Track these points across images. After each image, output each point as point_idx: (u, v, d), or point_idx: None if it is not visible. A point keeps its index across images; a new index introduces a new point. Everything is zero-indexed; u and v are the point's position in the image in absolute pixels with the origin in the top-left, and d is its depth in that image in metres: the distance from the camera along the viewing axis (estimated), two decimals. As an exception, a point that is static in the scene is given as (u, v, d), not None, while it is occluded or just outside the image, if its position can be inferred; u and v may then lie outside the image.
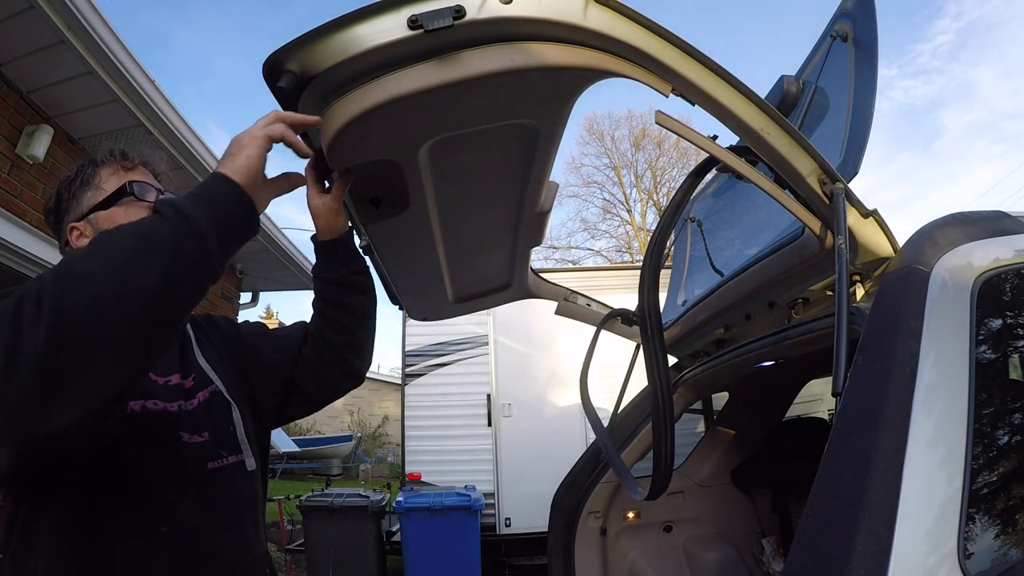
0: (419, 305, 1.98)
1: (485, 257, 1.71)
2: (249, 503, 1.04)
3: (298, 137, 0.92)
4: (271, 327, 1.30)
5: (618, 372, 2.16)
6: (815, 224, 1.14)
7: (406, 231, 1.41)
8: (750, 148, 1.05)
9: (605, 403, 3.45)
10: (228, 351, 1.16)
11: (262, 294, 6.62)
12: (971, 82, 28.25)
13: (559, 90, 0.98)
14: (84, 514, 0.85)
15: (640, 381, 1.63)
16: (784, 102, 1.60)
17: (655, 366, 1.48)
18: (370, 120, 0.92)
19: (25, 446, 0.82)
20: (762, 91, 1.39)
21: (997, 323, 0.99)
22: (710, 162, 1.23)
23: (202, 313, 1.23)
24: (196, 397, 1.03)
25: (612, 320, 1.91)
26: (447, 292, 1.84)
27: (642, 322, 1.47)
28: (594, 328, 1.93)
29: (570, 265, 20.58)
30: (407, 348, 5.90)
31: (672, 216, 1.37)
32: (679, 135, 1.07)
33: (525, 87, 0.95)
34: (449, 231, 1.45)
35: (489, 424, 5.65)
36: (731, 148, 1.15)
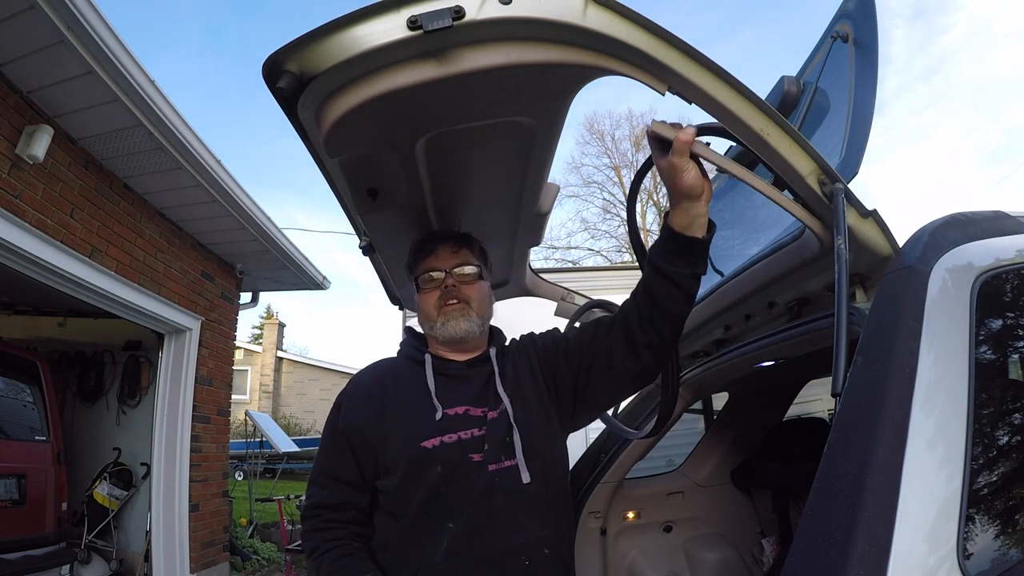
0: (415, 297, 1.97)
1: (482, 254, 1.71)
2: (520, 497, 1.20)
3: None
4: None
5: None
6: (815, 224, 1.13)
7: (403, 223, 1.41)
8: (725, 128, 1.03)
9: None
10: (530, 370, 1.34)
11: (262, 294, 6.63)
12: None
13: (555, 87, 0.98)
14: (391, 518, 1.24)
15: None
16: (784, 102, 1.60)
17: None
18: (366, 113, 0.92)
19: None
20: (763, 92, 1.39)
21: (997, 323, 0.99)
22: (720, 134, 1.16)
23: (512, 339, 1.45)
24: (486, 422, 1.24)
25: (590, 312, 1.87)
26: None
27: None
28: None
29: (570, 265, 20.59)
30: (407, 348, 5.88)
31: (636, 188, 1.39)
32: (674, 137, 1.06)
33: (521, 84, 0.95)
34: (446, 226, 1.46)
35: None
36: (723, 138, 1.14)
